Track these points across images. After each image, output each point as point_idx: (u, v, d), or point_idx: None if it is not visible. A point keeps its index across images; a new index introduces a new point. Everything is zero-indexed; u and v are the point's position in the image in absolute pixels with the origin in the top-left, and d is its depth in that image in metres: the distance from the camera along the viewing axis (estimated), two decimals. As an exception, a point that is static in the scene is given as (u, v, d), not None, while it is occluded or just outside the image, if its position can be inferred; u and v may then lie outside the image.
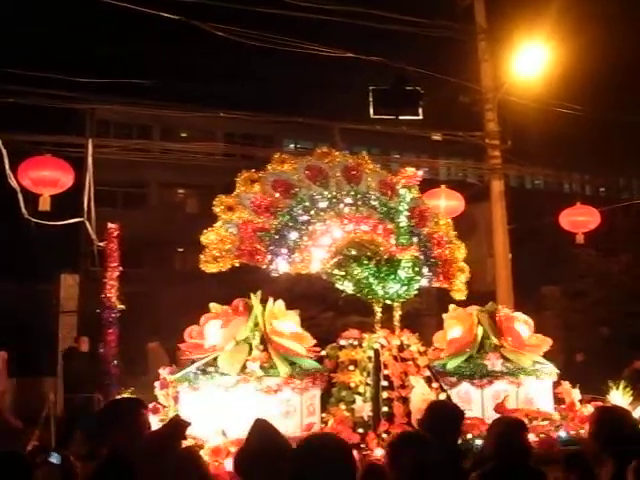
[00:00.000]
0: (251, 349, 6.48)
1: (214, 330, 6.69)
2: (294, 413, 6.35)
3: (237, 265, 7.06)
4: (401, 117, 11.60)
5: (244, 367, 6.29)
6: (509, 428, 4.17)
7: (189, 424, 3.86)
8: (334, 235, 7.38)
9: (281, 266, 7.15)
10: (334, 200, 7.51)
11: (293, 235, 7.21)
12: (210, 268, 6.88)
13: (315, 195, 7.44)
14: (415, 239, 7.82)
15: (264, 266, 7.08)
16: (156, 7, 9.61)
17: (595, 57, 15.84)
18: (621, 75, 19.20)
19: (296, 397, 6.36)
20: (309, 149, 7.90)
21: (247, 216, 7.08)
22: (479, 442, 6.04)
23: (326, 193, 7.49)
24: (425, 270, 7.84)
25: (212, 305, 7.00)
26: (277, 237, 7.15)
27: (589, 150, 21.92)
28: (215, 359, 6.39)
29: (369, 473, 4.54)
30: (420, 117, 11.52)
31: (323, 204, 7.43)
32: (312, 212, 7.35)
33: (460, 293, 8.15)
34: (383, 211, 7.72)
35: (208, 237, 6.90)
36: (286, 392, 6.30)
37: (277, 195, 7.27)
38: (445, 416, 4.58)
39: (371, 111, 11.33)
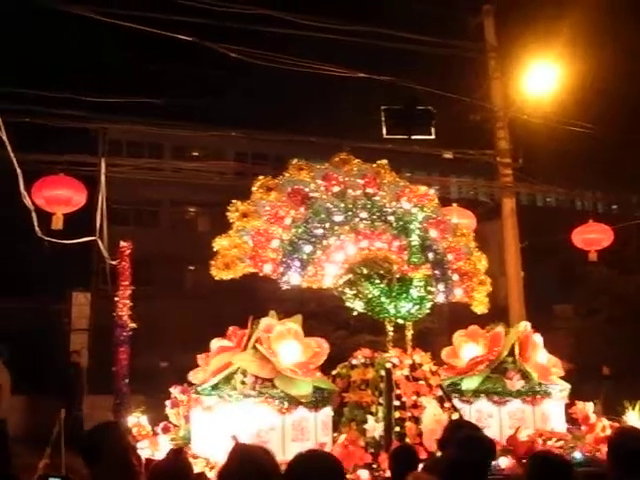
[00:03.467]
0: None
1: (292, 351, 6.54)
2: (307, 432, 6.30)
3: (248, 275, 7.01)
4: (414, 137, 11.60)
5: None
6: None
7: (187, 457, 3.74)
8: (348, 251, 7.35)
9: (293, 279, 7.10)
10: (349, 213, 7.46)
11: (307, 248, 7.17)
12: (221, 275, 6.80)
13: (331, 207, 7.39)
14: (431, 255, 7.78)
15: (275, 277, 7.03)
16: (169, 28, 9.71)
17: (605, 75, 15.83)
18: (632, 93, 19.16)
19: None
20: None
21: (261, 225, 7.04)
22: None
23: (342, 205, 7.44)
24: (441, 286, 7.79)
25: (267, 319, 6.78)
26: (290, 249, 7.11)
27: (601, 167, 21.84)
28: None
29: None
30: (432, 137, 11.51)
31: (339, 217, 7.39)
32: (327, 225, 7.31)
33: (482, 306, 8.06)
34: (398, 226, 7.67)
35: (220, 242, 6.85)
36: (300, 411, 6.26)
37: (293, 205, 7.24)
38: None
39: (384, 131, 11.34)
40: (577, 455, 6.64)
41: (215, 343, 6.71)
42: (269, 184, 7.23)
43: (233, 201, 7.09)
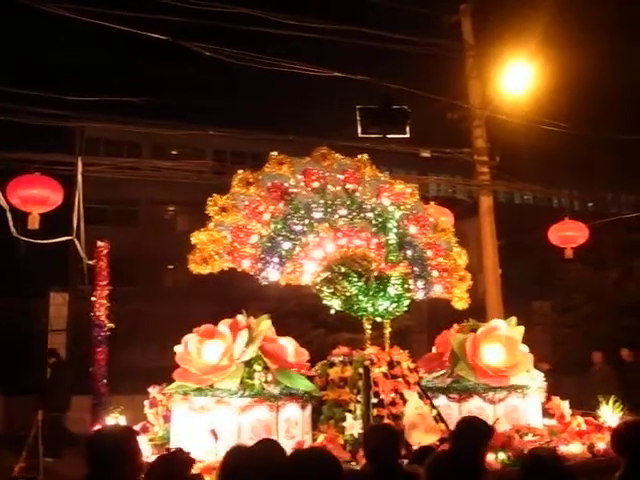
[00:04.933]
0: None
1: (289, 349, 6.84)
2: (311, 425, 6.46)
3: (227, 273, 7.00)
4: (389, 136, 11.65)
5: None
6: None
7: (193, 460, 3.71)
8: (327, 249, 7.36)
9: (271, 275, 7.11)
10: (329, 210, 7.45)
11: (286, 245, 7.17)
12: (199, 269, 6.78)
13: (310, 203, 7.38)
14: (410, 252, 7.79)
15: (254, 273, 7.04)
16: (145, 27, 9.65)
17: (582, 74, 16.02)
18: (607, 92, 19.41)
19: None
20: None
21: (241, 220, 7.03)
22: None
23: (321, 202, 7.43)
24: (420, 283, 7.82)
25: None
26: (269, 245, 7.10)
27: (577, 165, 22.09)
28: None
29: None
30: (407, 136, 11.57)
31: (318, 214, 7.37)
32: (306, 222, 7.30)
33: (462, 302, 8.09)
34: (378, 223, 7.67)
35: (198, 237, 6.83)
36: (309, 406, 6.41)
37: (272, 200, 7.23)
38: (473, 431, 4.49)
39: (359, 130, 11.39)
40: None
41: (210, 344, 6.51)
42: (248, 178, 7.20)
43: (213, 195, 7.08)
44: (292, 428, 6.33)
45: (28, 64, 22.29)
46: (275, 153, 7.48)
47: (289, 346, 6.84)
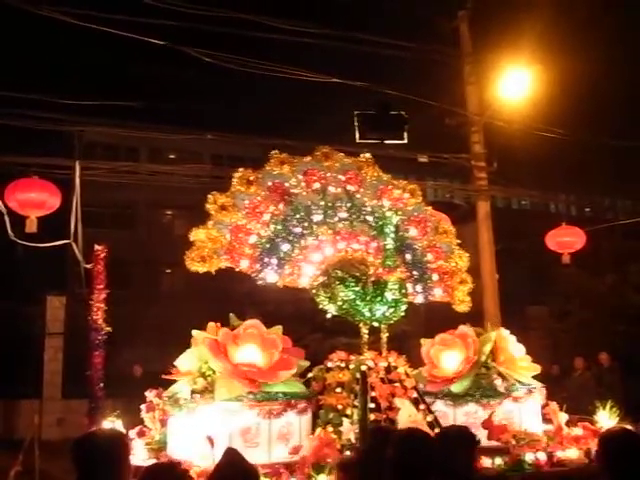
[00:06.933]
0: None
1: None
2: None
3: (225, 276, 7.00)
4: (386, 141, 11.68)
5: None
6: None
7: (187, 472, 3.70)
8: (325, 252, 7.35)
9: (269, 277, 7.10)
10: (329, 212, 7.43)
11: (285, 247, 7.16)
12: (196, 267, 6.76)
13: (310, 205, 7.37)
14: (409, 255, 7.78)
15: (252, 273, 7.03)
16: (144, 32, 9.68)
17: (578, 80, 16.07)
18: (604, 98, 19.47)
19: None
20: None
21: (240, 220, 7.01)
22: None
23: (322, 204, 7.40)
24: (419, 287, 7.81)
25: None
26: (268, 246, 7.09)
27: (574, 171, 22.15)
28: None
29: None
30: (405, 141, 11.60)
31: (318, 217, 7.35)
32: (306, 224, 7.29)
33: (463, 305, 8.06)
34: (377, 226, 7.66)
35: (197, 235, 6.81)
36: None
37: (272, 201, 7.22)
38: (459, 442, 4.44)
39: (357, 136, 11.42)
40: (541, 456, 6.72)
41: (248, 348, 6.37)
42: (249, 177, 7.18)
43: (212, 192, 7.08)
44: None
45: (27, 68, 22.30)
46: (276, 151, 7.46)
47: None
